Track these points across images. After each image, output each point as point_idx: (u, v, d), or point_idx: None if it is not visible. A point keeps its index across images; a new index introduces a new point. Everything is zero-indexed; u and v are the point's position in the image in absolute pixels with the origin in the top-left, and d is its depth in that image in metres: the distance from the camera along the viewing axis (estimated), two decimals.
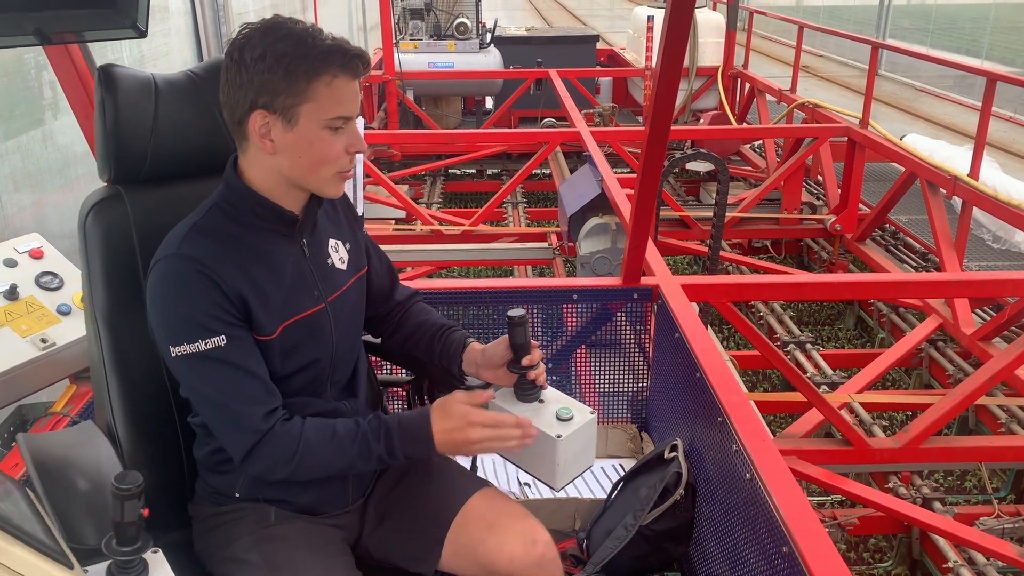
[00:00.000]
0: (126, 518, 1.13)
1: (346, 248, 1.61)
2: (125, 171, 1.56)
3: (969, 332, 4.07)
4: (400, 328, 1.77)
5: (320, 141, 1.39)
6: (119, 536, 1.15)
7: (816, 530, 1.48)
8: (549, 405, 1.56)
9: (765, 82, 7.43)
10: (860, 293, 4.00)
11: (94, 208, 1.54)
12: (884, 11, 13.33)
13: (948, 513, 3.22)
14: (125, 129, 1.52)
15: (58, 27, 1.73)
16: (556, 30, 10.28)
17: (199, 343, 1.35)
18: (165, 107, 1.55)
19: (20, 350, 1.96)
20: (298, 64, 1.34)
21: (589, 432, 1.56)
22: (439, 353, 1.69)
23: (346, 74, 1.38)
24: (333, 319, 1.54)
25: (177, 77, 1.59)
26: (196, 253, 1.38)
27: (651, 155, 2.24)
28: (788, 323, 4.92)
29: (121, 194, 1.55)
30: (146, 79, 1.55)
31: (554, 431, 1.49)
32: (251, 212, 1.45)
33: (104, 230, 1.52)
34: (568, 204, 4.62)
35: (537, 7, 27.14)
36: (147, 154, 1.55)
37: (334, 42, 1.37)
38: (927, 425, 3.26)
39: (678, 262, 6.38)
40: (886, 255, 5.42)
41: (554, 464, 1.50)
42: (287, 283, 1.47)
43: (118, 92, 1.51)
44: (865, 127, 5.72)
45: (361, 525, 1.64)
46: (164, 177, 1.59)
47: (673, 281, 2.66)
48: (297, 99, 1.36)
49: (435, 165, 7.01)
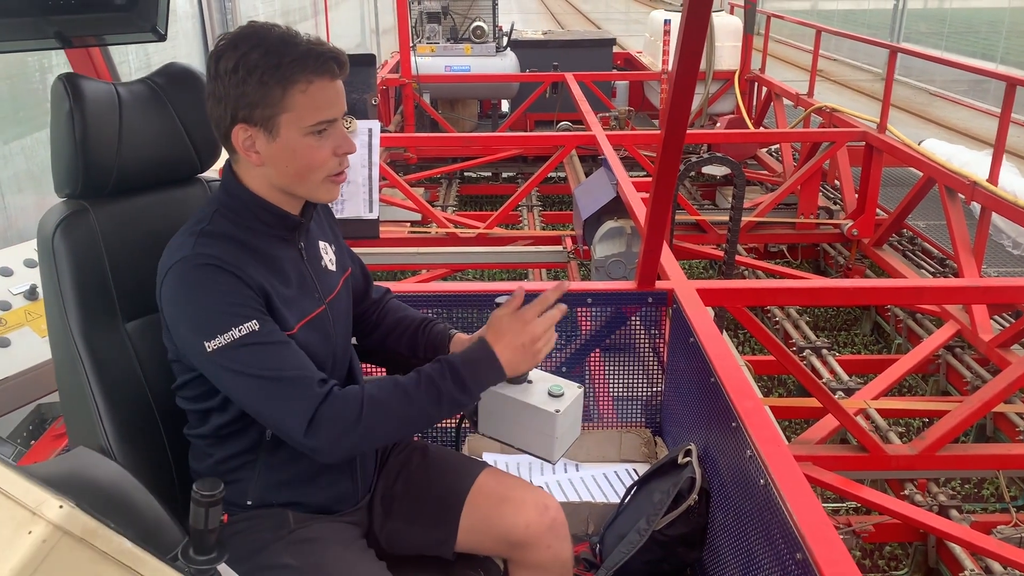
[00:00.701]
0: (209, 525, 1.12)
1: (332, 250, 1.63)
2: (91, 185, 1.50)
3: (987, 339, 4.04)
4: (379, 325, 1.78)
5: (304, 148, 1.38)
6: (197, 544, 1.13)
7: (831, 537, 1.48)
8: (538, 384, 1.64)
9: (782, 86, 7.40)
10: (877, 298, 3.98)
11: (60, 225, 1.47)
12: (899, 15, 13.26)
13: (965, 521, 3.19)
14: (92, 141, 1.46)
15: (79, 30, 1.76)
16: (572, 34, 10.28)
17: (233, 331, 1.32)
18: (129, 117, 1.51)
19: (40, 349, 1.98)
20: (271, 74, 1.32)
21: (578, 405, 1.67)
22: (423, 346, 1.71)
23: (321, 77, 1.36)
24: (333, 319, 1.55)
25: (137, 86, 1.56)
26: (214, 252, 1.36)
27: (667, 159, 2.24)
28: (804, 328, 4.89)
29: (87, 209, 1.50)
30: (108, 89, 1.51)
31: (551, 407, 1.59)
32: (254, 216, 1.44)
33: (72, 247, 1.47)
34: (583, 207, 4.62)
35: (551, 10, 27.13)
36: (114, 166, 1.50)
37: (307, 46, 1.35)
38: (944, 432, 3.23)
39: (693, 266, 6.36)
40: (903, 260, 5.39)
41: (552, 438, 1.60)
42: (294, 286, 1.48)
43: (85, 102, 1.44)
44: (883, 132, 5.69)
45: (369, 520, 1.66)
46: (130, 189, 1.55)
47: (688, 285, 2.65)
48: (275, 109, 1.35)
49: (451, 168, 7.03)
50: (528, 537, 1.61)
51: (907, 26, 12.94)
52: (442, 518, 1.63)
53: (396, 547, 1.65)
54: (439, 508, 1.64)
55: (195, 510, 1.11)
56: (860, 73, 13.59)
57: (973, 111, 10.69)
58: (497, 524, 1.62)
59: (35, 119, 3.47)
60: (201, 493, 1.11)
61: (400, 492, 1.68)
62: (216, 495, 1.11)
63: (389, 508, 1.67)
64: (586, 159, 6.49)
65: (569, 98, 7.06)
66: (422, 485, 1.67)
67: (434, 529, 1.63)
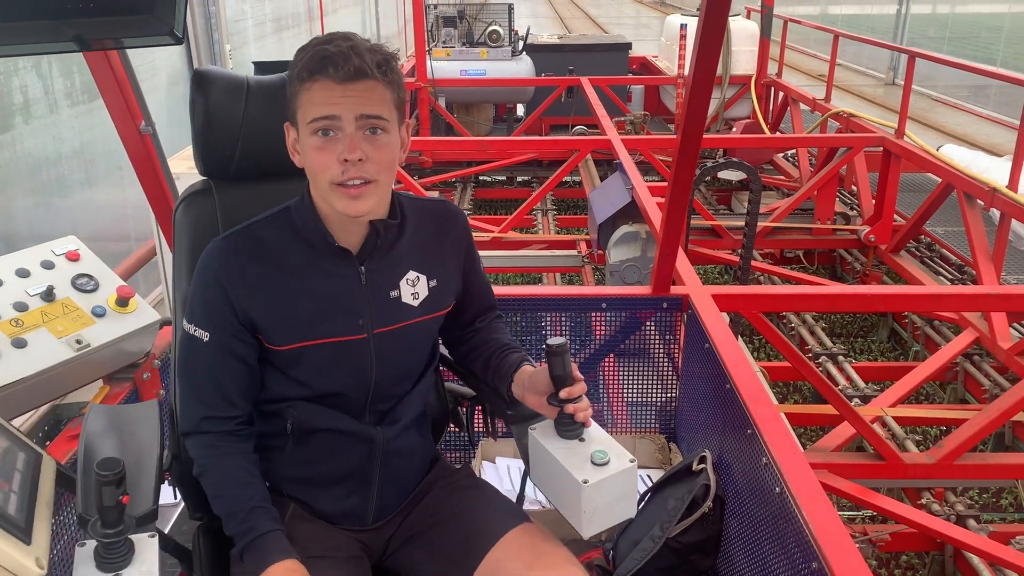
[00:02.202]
0: (104, 503, 1.20)
1: (429, 284, 1.55)
2: (215, 166, 1.64)
3: (1006, 347, 3.99)
4: (467, 342, 1.71)
5: (312, 149, 1.38)
6: (102, 518, 1.21)
7: (847, 547, 1.46)
8: (589, 445, 1.46)
9: (799, 91, 7.36)
10: (895, 306, 3.95)
11: (185, 200, 1.63)
12: (902, 20, 13.22)
13: (983, 531, 3.15)
14: (214, 127, 1.60)
15: (97, 34, 1.76)
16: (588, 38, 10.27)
17: (190, 327, 1.46)
18: (254, 108, 1.61)
19: (56, 351, 1.99)
20: (292, 71, 1.39)
21: (626, 481, 1.44)
22: (493, 371, 1.62)
23: (323, 77, 1.34)
24: (375, 351, 1.50)
25: (271, 79, 1.65)
26: (228, 250, 1.45)
27: (683, 163, 2.23)
28: (820, 334, 4.86)
29: (211, 188, 1.64)
30: (239, 81, 1.63)
31: (582, 475, 1.40)
32: (311, 229, 1.46)
33: (192, 221, 1.61)
34: (598, 212, 4.61)
35: (560, 15, 27.06)
36: (235, 152, 1.62)
37: (326, 50, 1.34)
38: (962, 441, 3.20)
39: (708, 271, 6.33)
40: (921, 267, 5.34)
41: (580, 511, 1.41)
42: (323, 306, 1.46)
43: (209, 93, 1.59)
44: (901, 137, 5.64)
45: (388, 541, 1.61)
46: (252, 174, 1.66)
47: (703, 291, 2.64)
48: (293, 106, 1.40)
49: (466, 172, 7.03)
50: None
51: (915, 31, 12.85)
52: (460, 564, 1.52)
53: (409, 573, 1.60)
54: (461, 552, 1.53)
55: (95, 487, 1.20)
56: (862, 78, 13.46)
57: (973, 117, 10.56)
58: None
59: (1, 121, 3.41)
60: (97, 472, 1.19)
61: (431, 522, 1.60)
62: (109, 476, 1.19)
63: (414, 535, 1.60)
64: (601, 163, 6.47)
65: (584, 102, 7.06)
66: (453, 523, 1.58)
67: (450, 568, 1.53)
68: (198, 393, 1.47)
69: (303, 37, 8.21)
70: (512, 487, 2.57)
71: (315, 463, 1.54)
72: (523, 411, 1.59)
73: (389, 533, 1.61)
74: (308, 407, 1.51)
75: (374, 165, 1.37)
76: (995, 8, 11.92)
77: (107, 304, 2.14)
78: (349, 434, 1.54)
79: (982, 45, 10.85)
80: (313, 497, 1.56)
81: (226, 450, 1.46)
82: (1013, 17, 11.53)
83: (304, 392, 1.50)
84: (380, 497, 1.59)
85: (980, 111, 10.57)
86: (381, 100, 1.37)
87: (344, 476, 1.57)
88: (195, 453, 1.48)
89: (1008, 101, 10.07)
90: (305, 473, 1.55)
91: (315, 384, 1.50)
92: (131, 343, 2.18)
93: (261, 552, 1.38)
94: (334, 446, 1.54)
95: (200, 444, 1.47)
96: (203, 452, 1.47)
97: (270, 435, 1.54)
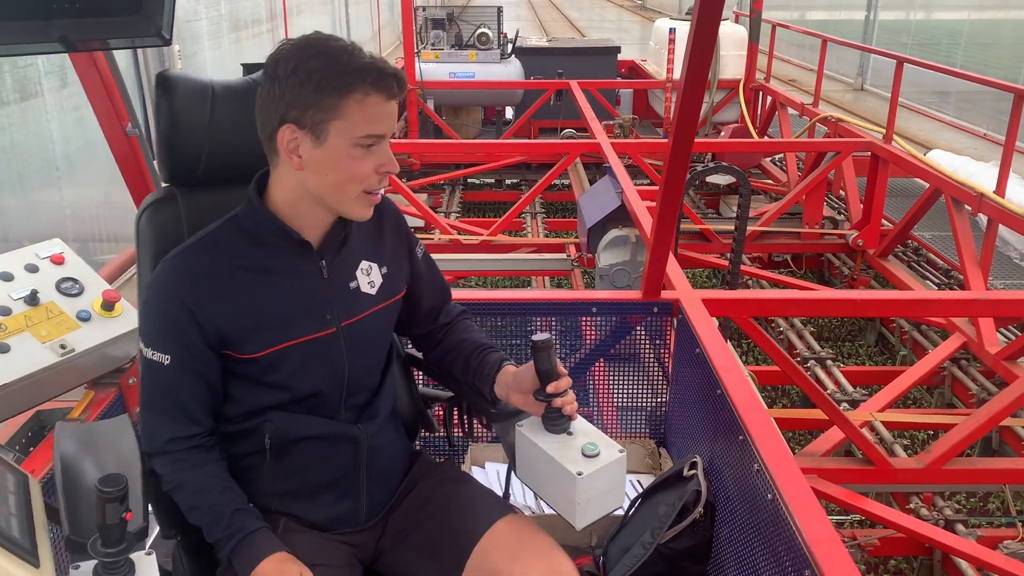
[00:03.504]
0: (107, 520, 1.16)
1: (381, 271, 1.58)
2: (179, 173, 1.61)
3: (994, 351, 4.01)
4: (440, 344, 1.73)
5: (349, 159, 1.38)
6: (104, 537, 1.17)
7: (840, 555, 1.45)
8: (577, 438, 1.49)
9: (787, 95, 7.39)
10: (883, 310, 3.95)
11: (149, 207, 1.60)
12: (870, 26, 13.40)
13: (971, 535, 3.16)
14: (179, 133, 1.56)
15: (84, 34, 1.74)
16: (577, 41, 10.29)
17: (148, 350, 1.43)
18: (220, 113, 1.58)
19: (39, 356, 1.96)
20: (329, 80, 1.34)
21: (616, 471, 1.47)
22: (473, 372, 1.65)
23: (379, 93, 1.36)
24: (346, 343, 1.52)
25: (237, 83, 1.62)
26: (182, 267, 1.42)
27: (674, 168, 2.22)
28: (808, 339, 4.87)
29: (176, 195, 1.61)
30: (204, 85, 1.59)
31: (575, 468, 1.42)
32: (264, 228, 1.45)
33: (157, 229, 1.58)
34: (587, 215, 4.60)
35: (540, 18, 26.93)
36: (200, 158, 1.59)
37: (370, 60, 1.36)
38: (950, 446, 3.21)
39: (697, 275, 6.34)
40: (909, 272, 5.36)
41: (573, 502, 1.43)
42: (292, 304, 1.46)
43: (174, 97, 1.55)
44: (889, 142, 5.67)
45: (378, 542, 1.61)
46: (217, 180, 1.62)
47: (694, 295, 2.63)
48: (327, 115, 1.35)
49: (454, 175, 7.02)
50: None
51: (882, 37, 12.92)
52: (449, 559, 1.53)
53: (400, 574, 1.60)
54: (449, 544, 1.55)
55: (97, 504, 1.15)
56: (831, 83, 13.39)
57: (936, 123, 10.59)
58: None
59: None
60: (100, 489, 1.15)
61: (422, 518, 1.61)
62: (113, 492, 1.14)
63: (405, 532, 1.60)
64: (590, 167, 6.47)
65: (573, 105, 7.06)
66: (440, 519, 1.59)
67: (437, 565, 1.54)
68: (161, 416, 1.46)
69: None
70: (523, 500, 2.54)
71: (300, 473, 1.53)
72: (506, 409, 1.62)
73: (379, 532, 1.61)
74: (286, 417, 1.49)
75: (395, 167, 1.44)
76: (956, 15, 12.12)
77: (92, 308, 2.11)
78: (332, 438, 1.53)
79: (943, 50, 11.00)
80: (303, 508, 1.54)
81: (195, 462, 1.45)
82: (972, 24, 11.74)
83: (282, 399, 1.49)
84: (370, 495, 1.59)
85: (943, 116, 10.64)
86: None
87: (332, 481, 1.55)
88: (163, 470, 1.46)
89: (968, 107, 10.19)
90: (291, 485, 1.53)
91: (293, 387, 1.48)
92: (117, 348, 2.15)
93: (250, 550, 1.38)
94: (318, 453, 1.53)
95: (167, 462, 1.46)
96: (172, 468, 1.45)
97: (248, 454, 1.52)
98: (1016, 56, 9.90)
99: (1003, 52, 10.68)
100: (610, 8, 32.71)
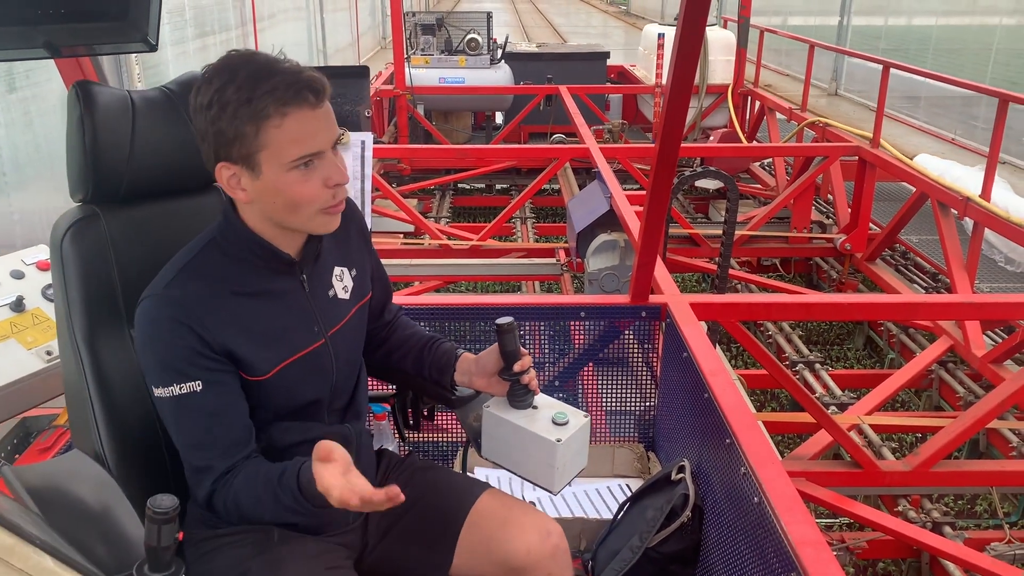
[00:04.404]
0: (163, 543, 1.12)
1: (351, 275, 1.57)
2: (102, 191, 1.51)
3: (980, 354, 4.04)
4: (385, 342, 1.75)
5: (289, 185, 1.31)
6: (152, 561, 1.13)
7: (826, 558, 1.46)
8: (543, 411, 1.59)
9: (775, 100, 7.42)
10: (871, 314, 3.97)
11: (71, 229, 1.49)
12: (844, 31, 13.54)
13: (958, 538, 3.18)
14: (103, 148, 1.47)
15: (69, 40, 1.74)
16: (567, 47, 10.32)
17: (174, 387, 1.33)
18: (142, 124, 1.51)
19: (25, 362, 1.95)
20: (243, 111, 1.26)
21: (584, 435, 1.60)
22: (429, 364, 1.68)
23: (298, 108, 1.28)
24: (334, 353, 1.51)
25: (153, 93, 1.56)
26: (178, 296, 1.34)
27: (661, 172, 2.23)
28: (797, 342, 4.88)
29: (98, 214, 1.51)
30: (122, 96, 1.51)
31: (553, 435, 1.53)
32: (248, 250, 1.41)
33: (81, 252, 1.48)
34: (577, 220, 4.61)
35: (523, 23, 26.87)
36: (124, 173, 1.51)
37: (281, 76, 1.27)
38: (937, 448, 3.22)
39: (686, 279, 6.35)
40: (896, 275, 5.39)
41: (552, 468, 1.54)
42: (285, 322, 1.45)
43: (96, 109, 1.46)
44: (876, 146, 5.71)
45: (363, 541, 1.62)
46: (142, 196, 1.55)
47: (682, 300, 2.64)
48: (252, 147, 1.28)
49: (444, 180, 7.03)
50: (529, 562, 1.56)
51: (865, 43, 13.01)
52: (440, 539, 1.58)
53: (390, 568, 1.62)
54: (437, 529, 1.59)
55: (148, 526, 1.11)
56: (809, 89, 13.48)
57: (906, 127, 10.63)
58: (497, 548, 1.56)
59: None
60: (154, 510, 1.11)
61: (400, 511, 1.56)
62: (170, 512, 1.11)
63: (387, 527, 1.62)
64: (580, 172, 6.49)
65: (563, 111, 7.08)
66: (422, 505, 1.61)
67: (431, 551, 1.58)
68: (212, 449, 1.36)
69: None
70: None
71: None
72: (465, 394, 1.68)
73: (363, 529, 1.62)
74: (277, 427, 1.49)
75: (344, 177, 1.38)
76: (925, 21, 12.31)
77: None
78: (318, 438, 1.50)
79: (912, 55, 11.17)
80: None
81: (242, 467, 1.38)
82: (940, 29, 11.92)
83: (278, 412, 1.48)
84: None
85: (913, 121, 10.70)
86: (334, 116, 1.36)
87: None
88: (224, 497, 1.37)
89: (938, 112, 10.27)
90: None
91: (290, 401, 1.48)
92: None
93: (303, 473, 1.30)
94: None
95: (224, 487, 1.37)
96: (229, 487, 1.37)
97: None
98: (982, 60, 10.03)
99: (969, 57, 10.82)
100: (595, 14, 32.73)
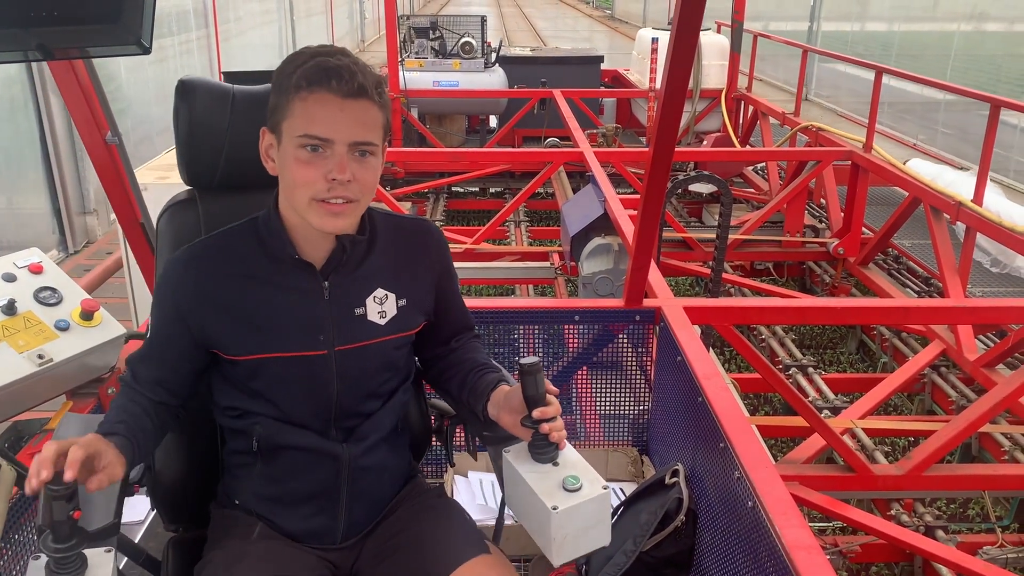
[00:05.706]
0: (55, 517, 1.19)
1: (398, 303, 1.52)
2: (199, 176, 1.65)
3: (972, 358, 4.05)
4: (440, 360, 1.68)
5: (294, 161, 1.35)
6: (54, 533, 1.20)
7: (819, 562, 1.46)
8: (562, 470, 1.40)
9: (769, 105, 7.45)
10: (864, 318, 3.98)
11: (169, 209, 1.65)
12: (814, 36, 13.76)
13: (951, 542, 3.18)
14: (198, 138, 1.60)
15: (62, 43, 1.73)
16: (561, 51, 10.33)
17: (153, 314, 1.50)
18: (239, 118, 1.60)
19: (17, 366, 1.94)
20: (283, 78, 1.35)
21: (598, 507, 1.37)
22: (469, 390, 1.58)
23: (323, 91, 1.32)
24: (337, 368, 1.48)
25: (257, 89, 1.63)
26: (181, 265, 1.45)
27: (655, 176, 2.23)
28: (790, 346, 4.89)
29: (195, 198, 1.65)
30: (225, 91, 1.62)
31: (551, 502, 1.33)
32: (274, 240, 1.45)
33: (175, 230, 1.63)
34: (571, 224, 4.61)
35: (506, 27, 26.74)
36: (219, 162, 1.62)
37: (325, 60, 1.34)
38: (930, 452, 3.23)
39: (679, 283, 6.36)
40: (889, 279, 5.41)
41: (549, 538, 1.34)
42: (283, 318, 1.45)
43: (194, 102, 1.59)
44: (869, 151, 5.73)
45: (354, 564, 1.57)
46: (236, 184, 1.65)
47: (675, 303, 2.64)
48: (281, 114, 1.37)
49: (438, 183, 7.03)
50: None
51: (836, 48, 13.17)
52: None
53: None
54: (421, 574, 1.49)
55: (43, 502, 1.19)
56: (780, 93, 13.44)
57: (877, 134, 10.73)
58: None
59: None
60: (47, 487, 1.18)
61: (395, 547, 1.55)
62: (60, 491, 1.17)
63: (380, 559, 1.55)
64: (574, 175, 6.49)
65: (557, 114, 7.08)
66: (413, 548, 1.52)
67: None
68: (138, 362, 1.49)
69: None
70: (484, 501, 2.55)
71: (282, 481, 1.53)
72: (499, 432, 1.53)
73: (356, 553, 1.58)
74: (273, 424, 1.49)
75: (359, 186, 1.37)
76: (890, 27, 12.62)
77: (71, 318, 2.10)
78: (314, 451, 1.51)
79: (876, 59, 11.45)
80: (280, 516, 1.54)
81: (134, 397, 1.46)
82: (902, 35, 12.17)
83: (269, 409, 1.49)
84: (349, 515, 1.56)
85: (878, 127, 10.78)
86: (374, 123, 1.37)
87: (311, 494, 1.54)
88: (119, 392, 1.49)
89: (902, 117, 10.40)
90: (273, 491, 1.53)
91: (276, 399, 1.48)
92: (95, 357, 2.14)
93: None
94: (300, 464, 1.52)
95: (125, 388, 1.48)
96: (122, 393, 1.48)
97: (239, 452, 1.54)
98: (941, 65, 10.22)
99: (928, 62, 11.00)
100: (581, 18, 32.70)
